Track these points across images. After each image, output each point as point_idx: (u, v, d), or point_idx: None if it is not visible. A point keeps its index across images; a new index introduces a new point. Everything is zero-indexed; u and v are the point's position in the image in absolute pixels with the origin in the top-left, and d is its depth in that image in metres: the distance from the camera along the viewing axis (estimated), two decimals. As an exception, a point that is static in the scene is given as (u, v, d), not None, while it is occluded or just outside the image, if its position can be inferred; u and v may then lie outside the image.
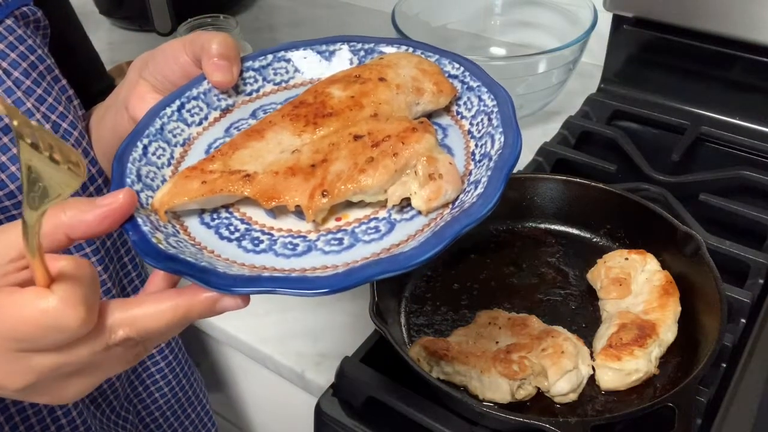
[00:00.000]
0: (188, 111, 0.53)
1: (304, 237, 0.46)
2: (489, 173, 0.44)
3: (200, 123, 0.54)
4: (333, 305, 0.84)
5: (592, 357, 0.70)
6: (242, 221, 0.47)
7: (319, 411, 0.72)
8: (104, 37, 1.48)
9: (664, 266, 0.76)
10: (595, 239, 0.85)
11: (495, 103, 0.50)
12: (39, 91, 0.62)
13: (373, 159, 0.45)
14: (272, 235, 0.46)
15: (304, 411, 0.85)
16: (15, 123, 0.33)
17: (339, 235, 0.45)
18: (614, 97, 1.10)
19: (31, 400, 0.44)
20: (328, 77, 0.54)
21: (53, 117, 0.63)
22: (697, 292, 0.73)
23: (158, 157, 0.50)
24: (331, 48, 0.57)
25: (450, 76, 0.54)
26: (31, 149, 0.33)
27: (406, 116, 0.50)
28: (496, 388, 0.66)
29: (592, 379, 0.69)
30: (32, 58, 0.62)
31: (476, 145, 0.49)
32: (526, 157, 1.00)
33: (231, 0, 1.48)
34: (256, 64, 0.57)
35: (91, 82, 0.71)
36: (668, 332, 0.70)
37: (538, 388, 0.68)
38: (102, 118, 0.67)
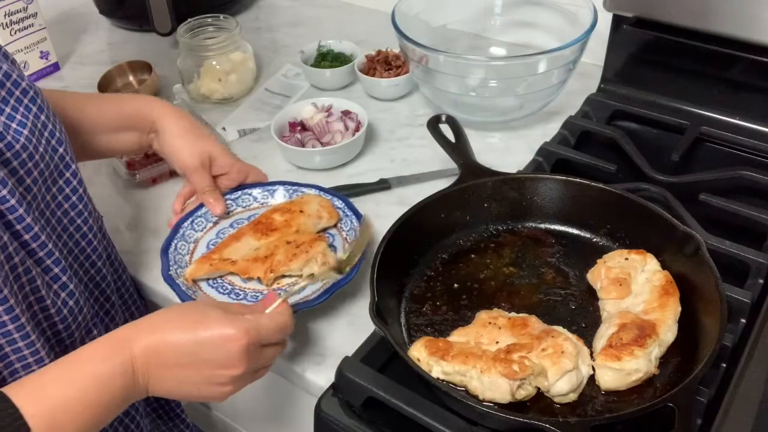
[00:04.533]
0: (196, 223, 0.92)
1: (261, 292, 0.83)
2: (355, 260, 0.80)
3: (202, 230, 0.92)
4: (333, 305, 0.84)
5: (592, 357, 0.70)
6: (229, 285, 0.85)
7: (319, 411, 0.72)
8: (104, 37, 1.48)
9: (664, 266, 0.76)
10: (595, 239, 0.85)
11: (357, 223, 0.88)
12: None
13: (295, 254, 0.83)
14: (246, 292, 0.84)
15: (304, 411, 0.85)
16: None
17: (278, 291, 0.80)
18: (614, 97, 1.10)
19: (233, 387, 0.67)
20: (271, 207, 0.92)
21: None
22: (697, 292, 0.73)
23: (181, 250, 0.88)
24: (273, 188, 0.96)
25: (337, 207, 0.91)
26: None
27: (313, 231, 0.88)
28: (496, 388, 0.66)
29: (592, 379, 0.69)
30: None
31: (348, 245, 0.87)
32: (526, 157, 1.01)
33: (231, 0, 1.48)
34: (233, 197, 0.95)
35: None
36: (668, 332, 0.70)
37: (538, 388, 0.68)
38: (121, 128, 0.90)
